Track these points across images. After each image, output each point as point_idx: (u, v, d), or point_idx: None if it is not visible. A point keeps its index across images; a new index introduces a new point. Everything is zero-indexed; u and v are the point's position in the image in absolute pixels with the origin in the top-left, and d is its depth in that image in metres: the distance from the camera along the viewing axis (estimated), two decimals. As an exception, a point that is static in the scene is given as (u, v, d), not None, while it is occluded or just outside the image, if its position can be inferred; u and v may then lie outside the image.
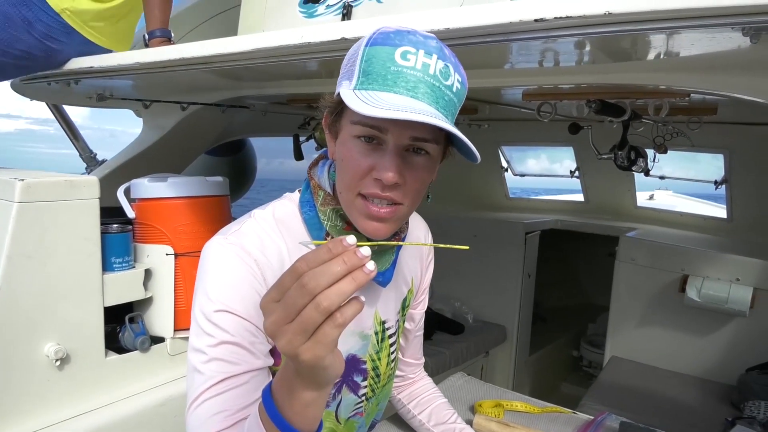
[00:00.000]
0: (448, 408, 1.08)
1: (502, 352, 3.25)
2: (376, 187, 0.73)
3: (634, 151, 1.75)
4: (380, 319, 0.90)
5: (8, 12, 1.42)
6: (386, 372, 0.93)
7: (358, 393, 0.89)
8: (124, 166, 2.14)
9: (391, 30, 0.71)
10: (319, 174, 0.84)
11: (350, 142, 0.73)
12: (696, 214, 3.52)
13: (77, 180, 1.33)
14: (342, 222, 0.80)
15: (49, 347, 1.29)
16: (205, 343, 0.73)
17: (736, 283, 2.43)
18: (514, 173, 3.98)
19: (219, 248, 0.76)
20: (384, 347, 0.91)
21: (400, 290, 0.95)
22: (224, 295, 0.73)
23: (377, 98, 0.66)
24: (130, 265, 1.47)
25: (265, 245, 0.77)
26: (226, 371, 0.72)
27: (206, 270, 0.76)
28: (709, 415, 2.14)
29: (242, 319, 0.74)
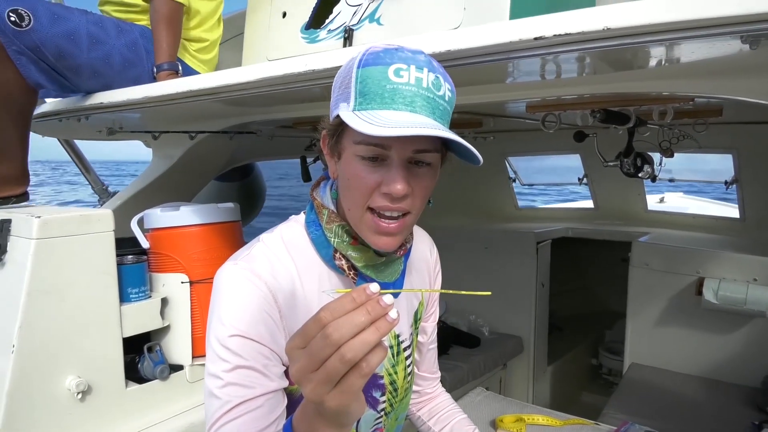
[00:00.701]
0: (468, 424, 1.08)
1: (519, 364, 3.22)
2: (386, 200, 0.75)
3: (640, 157, 1.76)
4: (394, 333, 0.91)
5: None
6: (403, 385, 0.93)
7: (377, 408, 0.89)
8: (136, 197, 2.17)
9: (379, 49, 0.73)
10: (322, 194, 0.86)
11: (355, 161, 0.75)
12: (708, 215, 3.50)
13: (92, 214, 1.35)
14: (348, 237, 0.82)
15: (70, 380, 1.30)
16: (221, 369, 0.74)
17: (753, 283, 2.41)
18: (522, 183, 3.98)
19: (230, 274, 0.77)
20: (400, 360, 0.92)
21: (411, 303, 0.96)
22: (237, 320, 0.75)
23: (378, 117, 0.68)
24: (147, 295, 1.49)
25: (276, 268, 0.79)
26: (242, 395, 0.73)
27: (219, 296, 0.77)
28: (734, 419, 2.11)
29: (256, 342, 0.75)
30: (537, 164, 4.10)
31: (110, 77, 1.49)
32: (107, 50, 1.46)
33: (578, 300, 4.38)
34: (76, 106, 1.58)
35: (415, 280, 0.98)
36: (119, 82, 1.50)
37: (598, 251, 3.71)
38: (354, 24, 1.42)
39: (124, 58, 1.49)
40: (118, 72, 1.49)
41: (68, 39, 1.39)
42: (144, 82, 1.52)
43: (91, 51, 1.43)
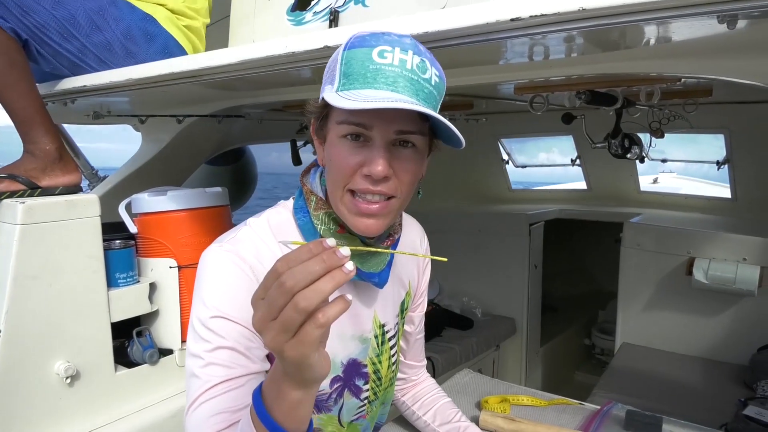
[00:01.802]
0: (452, 407, 1.09)
1: (512, 345, 3.25)
2: (367, 182, 0.74)
3: (628, 138, 1.75)
4: (379, 323, 0.91)
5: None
6: (387, 375, 0.94)
7: (360, 397, 0.90)
8: (125, 181, 2.16)
9: (367, 33, 0.73)
10: (311, 180, 0.85)
11: (338, 142, 0.75)
12: (700, 195, 3.51)
13: (77, 199, 1.34)
14: (335, 225, 0.81)
15: (59, 365, 1.31)
16: (202, 349, 0.75)
17: (743, 263, 2.42)
18: (515, 165, 3.98)
19: (215, 256, 0.78)
20: (384, 350, 0.92)
21: (397, 293, 0.96)
22: (220, 302, 0.75)
23: (359, 95, 0.68)
24: (135, 280, 1.49)
25: (261, 251, 0.79)
26: (223, 375, 0.74)
27: (202, 277, 0.77)
28: (722, 396, 2.14)
29: (238, 324, 0.75)
30: (532, 145, 4.09)
31: (78, 40, 1.46)
32: (71, 11, 1.43)
33: (572, 281, 4.40)
34: (59, 89, 1.56)
35: (403, 270, 0.98)
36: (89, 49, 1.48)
37: (591, 232, 3.72)
38: (339, 6, 1.40)
39: (90, 20, 1.46)
40: (85, 35, 1.46)
41: None
42: (115, 48, 1.49)
43: (55, 8, 1.40)
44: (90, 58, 1.50)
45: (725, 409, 1.99)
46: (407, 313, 1.02)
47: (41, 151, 1.41)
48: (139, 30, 1.53)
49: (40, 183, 1.40)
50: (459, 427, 1.03)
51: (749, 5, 0.64)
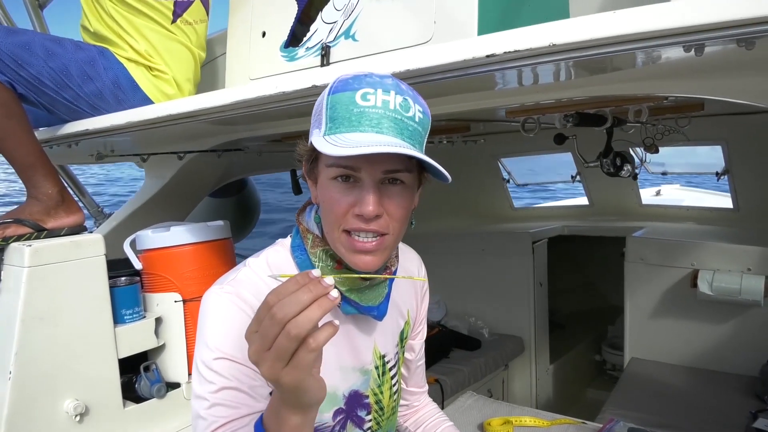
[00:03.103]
0: (454, 430, 1.09)
1: (521, 364, 3.23)
2: (359, 221, 0.77)
3: (620, 157, 1.78)
4: (380, 353, 0.92)
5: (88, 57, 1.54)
6: (390, 404, 0.95)
7: (363, 427, 0.91)
8: (130, 218, 2.21)
9: (349, 76, 0.76)
10: (307, 219, 0.88)
11: (328, 184, 0.77)
12: (702, 206, 3.51)
13: (82, 240, 1.38)
14: (332, 261, 0.84)
15: (68, 403, 1.33)
16: (207, 390, 0.77)
17: (747, 273, 2.42)
18: (516, 183, 4.00)
19: (215, 297, 0.80)
20: (385, 380, 0.93)
21: (396, 323, 0.98)
22: (222, 343, 0.77)
23: (345, 139, 0.71)
24: (141, 316, 1.52)
25: (261, 291, 0.81)
26: (227, 415, 0.76)
27: (204, 319, 0.79)
28: (733, 409, 2.12)
29: (240, 365, 0.77)
30: (530, 164, 4.12)
31: (71, 89, 1.52)
32: (64, 62, 1.49)
33: (579, 297, 4.38)
34: (63, 133, 1.62)
35: (402, 300, 0.99)
36: (83, 97, 1.53)
37: (596, 247, 3.72)
38: (330, 41, 1.45)
39: (81, 71, 1.52)
40: (78, 85, 1.52)
41: (23, 48, 1.42)
42: (106, 96, 1.55)
43: (48, 60, 1.47)
44: (84, 105, 1.56)
45: (736, 422, 1.98)
46: (407, 342, 1.03)
47: (44, 195, 1.46)
48: (126, 80, 1.59)
49: (45, 225, 1.44)
50: None
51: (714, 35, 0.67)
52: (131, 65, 1.60)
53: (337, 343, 0.87)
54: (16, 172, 1.47)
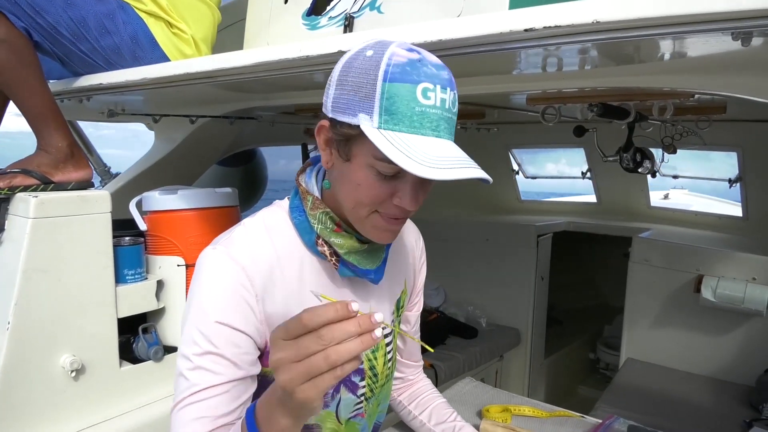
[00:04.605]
0: (447, 407, 1.09)
1: (516, 356, 3.23)
2: (396, 210, 0.78)
3: (640, 153, 1.75)
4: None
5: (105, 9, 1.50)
6: (383, 372, 0.94)
7: (356, 393, 0.91)
8: (137, 179, 2.19)
9: (404, 61, 0.71)
10: (307, 180, 0.86)
11: (370, 171, 0.75)
12: (711, 213, 3.48)
13: (89, 195, 1.36)
14: (332, 224, 0.82)
15: (64, 359, 1.32)
16: (192, 352, 0.76)
17: (752, 282, 2.40)
18: (525, 176, 3.97)
19: (208, 258, 0.79)
20: (380, 347, 0.93)
21: (393, 291, 0.97)
22: (211, 306, 0.76)
23: (410, 146, 0.69)
24: (143, 277, 1.50)
25: (255, 252, 0.80)
26: (209, 381, 0.76)
27: (196, 280, 0.78)
28: (727, 416, 2.11)
29: (228, 329, 0.76)
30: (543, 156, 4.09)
31: (88, 42, 1.48)
32: (83, 13, 1.46)
33: (579, 294, 4.38)
34: (76, 87, 1.59)
35: (399, 268, 0.99)
36: (99, 51, 1.50)
37: (600, 246, 3.70)
38: (354, 11, 1.41)
39: (100, 23, 1.48)
40: (95, 38, 1.48)
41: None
42: (123, 52, 1.51)
43: (67, 9, 1.43)
44: (99, 59, 1.53)
45: (730, 429, 1.97)
46: (403, 312, 1.02)
47: (53, 148, 1.43)
48: (145, 36, 1.55)
49: (53, 178, 1.42)
50: (454, 427, 1.03)
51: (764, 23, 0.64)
52: (151, 20, 1.55)
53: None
54: (28, 122, 1.44)
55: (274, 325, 0.79)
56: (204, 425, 0.75)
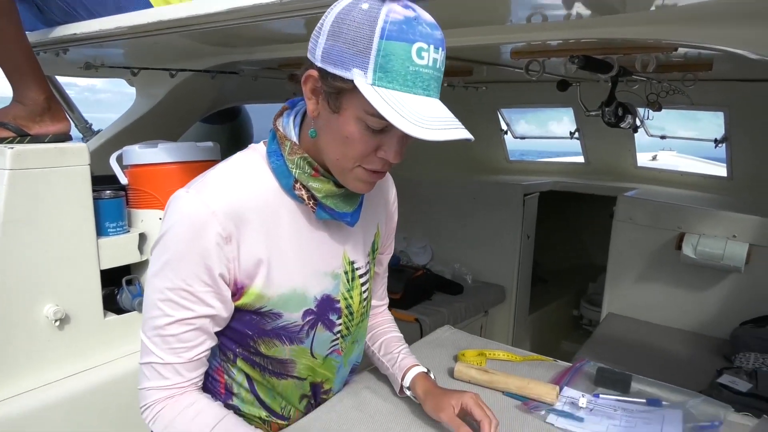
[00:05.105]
0: (399, 341, 1.12)
1: (501, 312, 3.30)
2: (381, 163, 0.80)
3: (622, 107, 1.75)
4: (349, 260, 0.94)
5: None
6: (359, 310, 0.97)
7: (333, 330, 0.93)
8: (119, 136, 2.17)
9: (400, 17, 0.71)
10: (285, 124, 0.86)
11: (358, 125, 0.76)
12: (696, 173, 3.51)
13: (66, 147, 1.35)
14: (310, 168, 0.83)
15: (48, 308, 1.34)
16: (163, 285, 0.79)
17: (732, 239, 2.44)
18: (514, 136, 3.96)
19: (180, 200, 0.79)
20: (355, 286, 0.95)
21: (368, 233, 0.99)
22: (182, 245, 0.77)
23: (402, 104, 0.70)
24: (125, 230, 1.51)
25: (228, 194, 0.80)
26: (178, 315, 0.79)
27: (167, 220, 0.79)
28: (701, 367, 2.18)
29: (198, 267, 0.78)
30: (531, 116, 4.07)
31: None
32: None
33: (565, 254, 4.44)
34: (52, 37, 1.55)
35: (373, 212, 1.01)
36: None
37: (586, 206, 3.73)
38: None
39: None
40: None
41: None
42: (106, 0, 1.47)
43: None
44: (80, 8, 1.49)
45: (703, 380, 2.04)
46: (377, 254, 1.05)
47: (30, 100, 1.41)
48: None
49: (29, 131, 1.40)
50: (397, 357, 1.06)
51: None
52: None
53: (309, 247, 0.88)
54: (4, 73, 1.42)
55: (247, 265, 0.81)
56: (173, 355, 0.79)
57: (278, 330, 0.86)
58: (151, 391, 0.82)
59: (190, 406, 0.82)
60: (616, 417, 1.01)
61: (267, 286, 0.83)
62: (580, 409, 1.04)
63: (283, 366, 0.90)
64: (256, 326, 0.85)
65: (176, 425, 0.82)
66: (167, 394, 0.82)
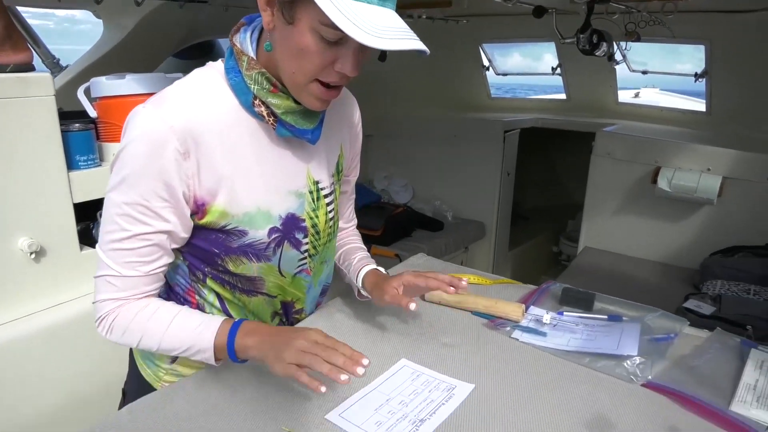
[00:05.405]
0: (358, 249, 1.15)
1: (481, 248, 3.36)
2: (337, 77, 0.78)
3: (597, 34, 1.73)
4: (313, 179, 0.94)
5: None
6: (325, 230, 0.98)
7: (300, 249, 0.94)
8: (88, 70, 2.10)
9: None
10: (242, 39, 0.84)
11: (314, 36, 0.74)
12: (676, 108, 3.51)
13: (29, 77, 1.32)
14: (268, 84, 0.82)
15: (22, 241, 1.34)
16: (120, 199, 0.78)
17: (706, 173, 2.48)
18: (496, 72, 3.91)
19: (137, 116, 0.78)
20: (320, 206, 0.96)
21: (331, 154, 0.99)
22: (137, 160, 0.77)
23: (356, 12, 0.69)
24: (96, 163, 1.49)
25: (186, 110, 0.79)
26: (135, 230, 0.79)
27: (125, 136, 0.78)
28: (670, 294, 2.26)
29: (155, 183, 0.78)
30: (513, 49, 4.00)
31: None
32: None
33: (546, 192, 4.49)
34: (7, -38, 1.48)
35: (335, 132, 1.00)
36: None
37: (567, 143, 3.74)
38: None
39: None
40: None
41: None
42: None
43: None
44: None
45: (670, 306, 2.12)
46: (343, 176, 1.05)
47: None
48: None
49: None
50: (352, 263, 1.10)
51: None
52: None
53: (272, 165, 0.88)
54: None
55: (208, 182, 0.81)
56: (131, 269, 0.81)
57: (245, 247, 0.87)
58: (105, 303, 0.84)
59: (145, 308, 0.84)
60: (578, 331, 1.06)
61: (231, 203, 0.84)
62: (544, 325, 1.08)
63: (252, 283, 0.92)
64: (222, 244, 0.87)
65: (133, 328, 0.84)
66: (121, 304, 0.84)
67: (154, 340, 0.84)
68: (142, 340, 0.84)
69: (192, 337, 0.84)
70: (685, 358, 0.99)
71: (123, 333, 0.84)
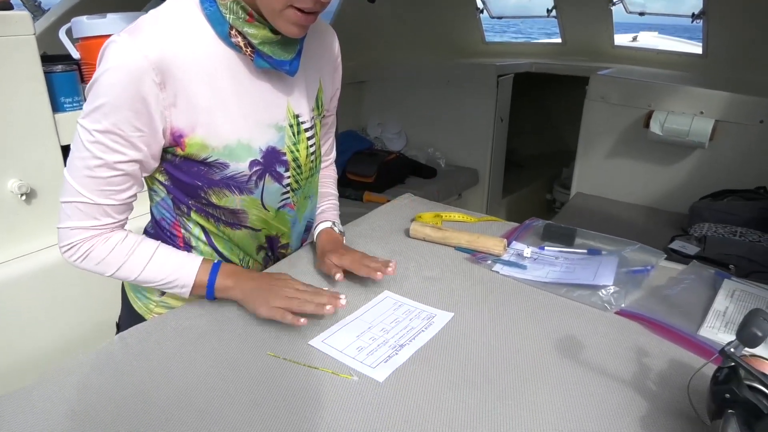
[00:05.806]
0: (326, 196, 1.17)
1: (474, 195, 3.37)
2: (311, 2, 0.77)
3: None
4: (293, 112, 0.94)
5: None
6: (307, 164, 0.99)
7: (282, 183, 0.96)
8: (70, 12, 2.05)
9: None
10: None
11: None
12: (672, 51, 3.46)
13: (7, 15, 1.29)
14: (244, 13, 0.81)
15: (12, 183, 1.35)
16: (93, 127, 0.78)
17: (699, 116, 2.47)
18: (491, 16, 3.83)
19: (111, 45, 0.77)
20: (301, 140, 0.96)
21: (311, 87, 0.99)
22: (112, 89, 0.77)
23: None
24: (81, 105, 1.48)
25: (160, 39, 0.78)
26: (108, 158, 0.80)
27: (99, 65, 0.78)
28: (658, 236, 2.29)
29: (128, 112, 0.78)
30: None
31: None
32: None
33: (540, 139, 4.46)
34: None
35: (314, 66, 0.99)
36: None
37: (562, 89, 3.70)
38: None
39: None
40: None
41: None
42: None
43: None
44: None
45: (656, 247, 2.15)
46: (323, 110, 1.05)
47: None
48: None
49: None
50: (315, 212, 1.13)
51: None
52: None
53: (251, 98, 0.88)
54: None
55: (185, 113, 0.81)
56: (106, 197, 0.82)
57: (227, 180, 0.88)
58: (77, 231, 0.84)
59: (122, 242, 0.87)
60: (557, 264, 1.09)
61: (210, 136, 0.84)
62: (525, 258, 1.11)
63: (236, 216, 0.94)
64: (204, 177, 0.88)
65: (110, 260, 0.86)
66: (95, 233, 0.85)
67: (133, 273, 0.88)
68: (118, 271, 0.88)
69: (172, 272, 0.89)
70: (660, 288, 1.02)
71: (98, 263, 0.86)
